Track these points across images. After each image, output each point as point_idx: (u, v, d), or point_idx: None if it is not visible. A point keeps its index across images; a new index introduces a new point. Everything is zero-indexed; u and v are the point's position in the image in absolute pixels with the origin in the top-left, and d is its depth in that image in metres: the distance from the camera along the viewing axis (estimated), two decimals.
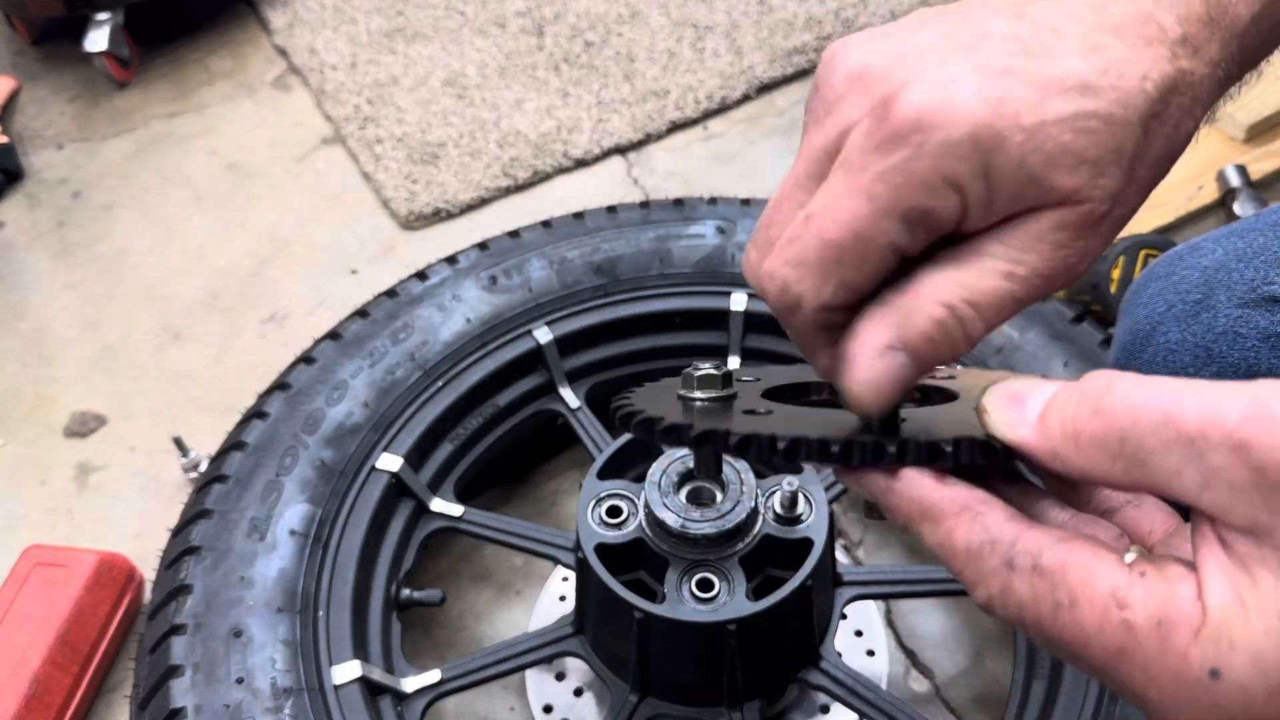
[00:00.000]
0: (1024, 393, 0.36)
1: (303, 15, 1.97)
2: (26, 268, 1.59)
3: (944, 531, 0.35)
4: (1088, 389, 0.34)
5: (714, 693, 0.89)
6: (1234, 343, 0.77)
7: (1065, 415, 0.34)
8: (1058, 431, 0.34)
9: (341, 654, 0.87)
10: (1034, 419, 0.35)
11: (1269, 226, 0.83)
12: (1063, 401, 0.34)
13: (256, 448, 0.98)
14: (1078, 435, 0.33)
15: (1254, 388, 0.30)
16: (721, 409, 0.44)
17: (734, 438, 0.37)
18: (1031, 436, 0.35)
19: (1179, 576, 0.32)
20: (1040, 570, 0.33)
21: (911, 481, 0.36)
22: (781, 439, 0.36)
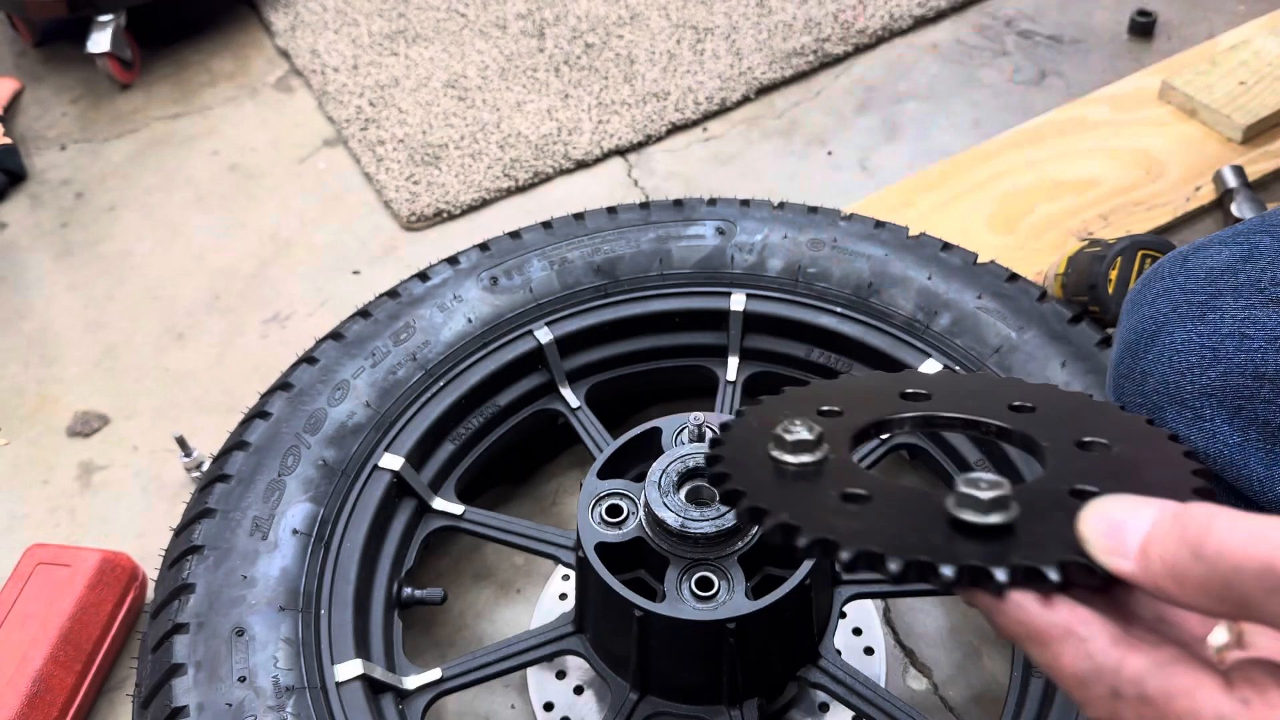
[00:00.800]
0: (1120, 524, 0.36)
1: (305, 17, 1.98)
2: (29, 268, 1.60)
3: (1050, 655, 0.36)
4: (1188, 530, 0.34)
5: (713, 691, 0.89)
6: (1241, 344, 0.78)
7: (1167, 556, 0.34)
8: (1160, 570, 0.34)
9: (343, 652, 0.88)
10: (1135, 552, 0.35)
11: (1274, 228, 0.83)
12: (1162, 537, 0.34)
13: (259, 447, 0.99)
14: (1181, 578, 0.34)
15: None
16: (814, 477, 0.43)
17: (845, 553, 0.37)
18: (1134, 570, 0.35)
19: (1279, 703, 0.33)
20: (1146, 700, 0.34)
21: (1017, 605, 0.36)
22: (893, 560, 0.36)
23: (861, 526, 0.39)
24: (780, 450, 0.44)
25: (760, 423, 0.48)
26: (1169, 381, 0.82)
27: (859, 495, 0.41)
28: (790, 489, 0.42)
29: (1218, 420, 0.79)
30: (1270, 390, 0.76)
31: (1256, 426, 0.78)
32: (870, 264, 1.12)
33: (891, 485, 0.43)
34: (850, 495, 0.41)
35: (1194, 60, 1.61)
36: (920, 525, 0.39)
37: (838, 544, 0.37)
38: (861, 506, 0.41)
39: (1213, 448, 0.80)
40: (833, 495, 0.42)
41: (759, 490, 0.42)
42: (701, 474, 0.88)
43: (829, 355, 1.12)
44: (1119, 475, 0.42)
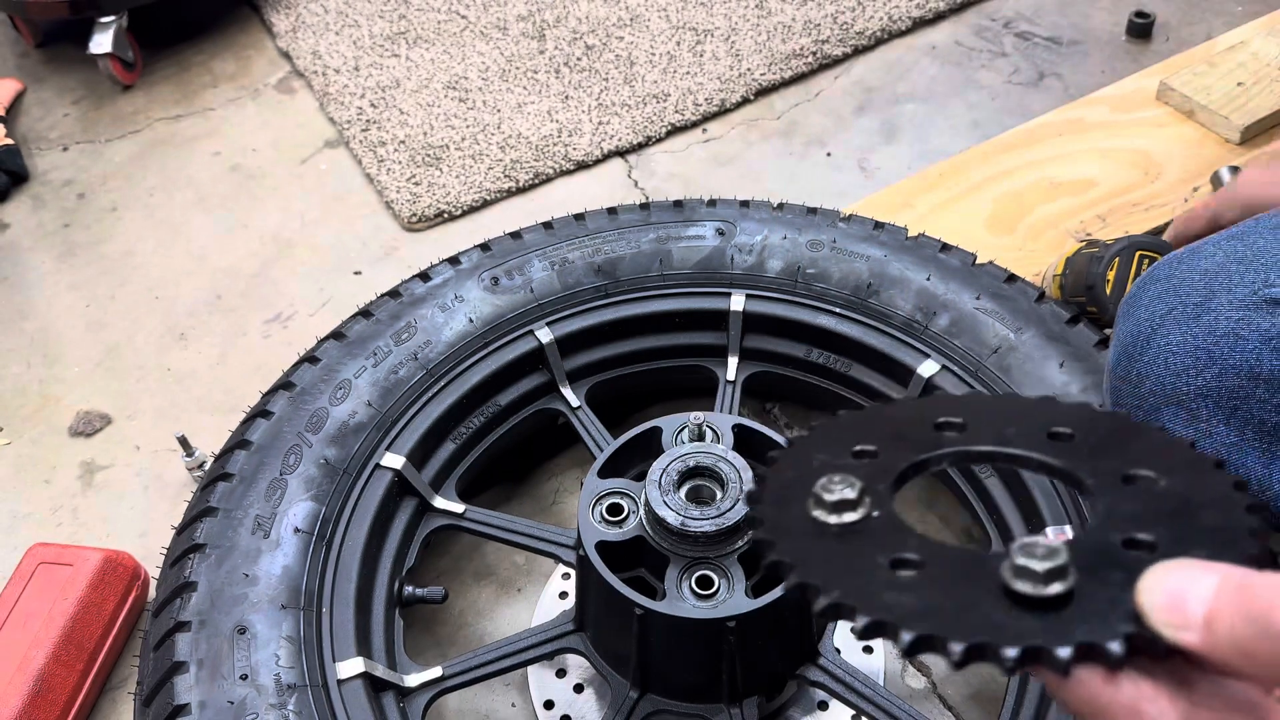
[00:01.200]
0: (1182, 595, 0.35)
1: (306, 19, 1.98)
2: (31, 268, 1.61)
3: None
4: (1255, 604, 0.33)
5: (713, 689, 0.90)
6: (1235, 345, 0.78)
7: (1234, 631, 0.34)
8: (1227, 645, 0.34)
9: (345, 650, 0.88)
10: (1199, 624, 0.34)
11: (1269, 230, 0.83)
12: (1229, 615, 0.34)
13: (261, 446, 0.99)
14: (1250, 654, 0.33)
15: None
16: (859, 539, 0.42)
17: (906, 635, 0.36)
18: (1199, 643, 0.35)
19: None
20: None
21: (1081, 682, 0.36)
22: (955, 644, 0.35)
23: (916, 601, 0.38)
24: (821, 511, 0.43)
25: (797, 471, 0.46)
26: (1165, 383, 0.82)
27: (910, 560, 0.40)
28: (836, 554, 0.41)
29: (1214, 421, 0.80)
30: (1265, 390, 0.77)
31: (1252, 426, 0.78)
32: (869, 265, 1.12)
33: (940, 547, 0.41)
34: (900, 561, 0.40)
35: (1192, 61, 1.62)
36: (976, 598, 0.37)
37: (898, 626, 0.36)
38: (912, 576, 0.39)
39: (1210, 448, 0.81)
40: (882, 563, 0.40)
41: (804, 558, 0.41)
42: (702, 473, 0.89)
43: (828, 355, 1.12)
44: (1172, 517, 0.40)
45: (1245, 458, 0.79)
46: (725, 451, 0.89)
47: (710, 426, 0.95)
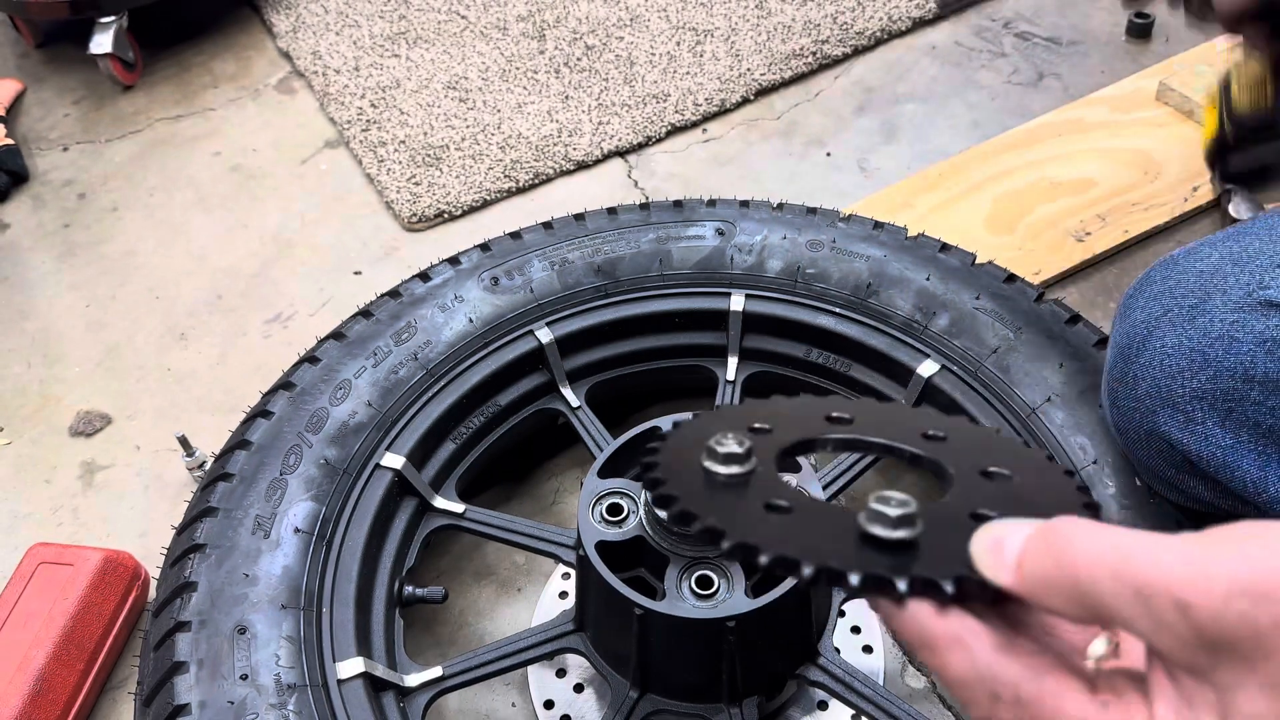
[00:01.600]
0: (1002, 539, 0.40)
1: (306, 19, 1.98)
2: (32, 268, 1.61)
3: (939, 660, 0.40)
4: (1053, 540, 0.38)
5: (713, 689, 0.90)
6: (1230, 347, 0.78)
7: (1035, 564, 0.38)
8: (1030, 579, 0.38)
9: (345, 650, 0.88)
10: (1012, 565, 0.39)
11: (1264, 231, 0.83)
12: (1033, 551, 0.39)
13: (261, 446, 0.99)
14: (1046, 583, 0.38)
15: (1190, 547, 0.35)
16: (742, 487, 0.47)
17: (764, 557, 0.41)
18: (1011, 582, 0.39)
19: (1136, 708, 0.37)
20: (1020, 702, 0.38)
21: (913, 612, 0.40)
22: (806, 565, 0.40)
23: (781, 534, 0.43)
24: (712, 461, 0.48)
25: (695, 436, 0.52)
26: (1160, 385, 0.82)
27: (781, 506, 0.45)
28: (719, 496, 0.46)
29: (1209, 423, 0.80)
30: (1260, 392, 0.77)
31: (1248, 428, 0.78)
32: (869, 265, 1.12)
33: (812, 500, 0.47)
34: (773, 505, 0.45)
35: (1192, 61, 1.62)
36: (834, 536, 0.43)
37: (758, 548, 0.41)
38: (782, 516, 0.45)
39: (1205, 450, 0.81)
40: (757, 505, 0.45)
41: (691, 496, 0.46)
42: None
43: (827, 355, 1.12)
44: (1015, 501, 0.46)
45: (1240, 460, 0.79)
46: None
47: None
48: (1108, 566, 0.36)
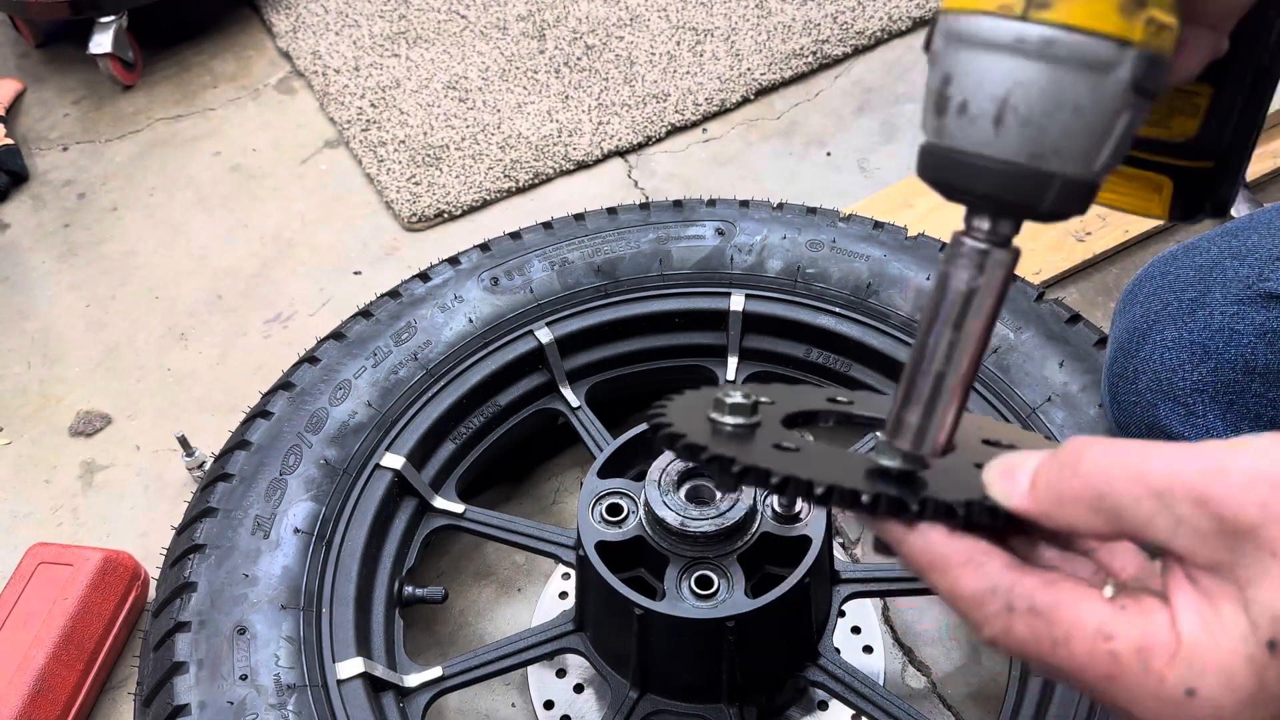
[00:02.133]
0: (1015, 465, 0.40)
1: (306, 19, 1.98)
2: (32, 268, 1.61)
3: (951, 579, 0.40)
4: (1066, 456, 0.38)
5: (713, 689, 0.90)
6: (1230, 339, 0.78)
7: (1050, 480, 0.38)
8: (1045, 496, 0.38)
9: (345, 650, 0.88)
10: (1026, 488, 0.39)
11: (1263, 225, 0.83)
12: (1047, 469, 0.39)
13: (261, 446, 0.99)
14: (1062, 497, 0.38)
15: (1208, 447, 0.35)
16: (748, 436, 0.47)
17: (775, 478, 0.41)
18: (1026, 503, 0.39)
19: (1154, 608, 0.36)
20: (1036, 611, 0.38)
21: (924, 534, 0.40)
22: (818, 485, 0.40)
23: (791, 462, 0.43)
24: (718, 412, 0.48)
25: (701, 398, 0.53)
26: (1161, 379, 0.82)
27: (789, 447, 0.45)
28: (726, 440, 0.46)
29: (1210, 415, 0.80)
30: (1261, 384, 0.77)
31: (1249, 420, 0.78)
32: (869, 264, 1.12)
33: (819, 444, 0.47)
34: (781, 446, 0.46)
35: None
36: (845, 469, 0.43)
37: (769, 471, 0.41)
38: (792, 454, 0.45)
39: None
40: (766, 445, 0.46)
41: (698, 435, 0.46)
42: (702, 474, 0.89)
43: (827, 355, 1.12)
44: None
45: None
46: None
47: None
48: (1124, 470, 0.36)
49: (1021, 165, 0.38)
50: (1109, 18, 0.36)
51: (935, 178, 0.40)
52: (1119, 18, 0.36)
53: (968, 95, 0.38)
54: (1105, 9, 0.36)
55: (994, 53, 0.37)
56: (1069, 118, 0.37)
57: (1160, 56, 0.37)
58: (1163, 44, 0.37)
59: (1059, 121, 0.37)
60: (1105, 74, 0.36)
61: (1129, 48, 0.36)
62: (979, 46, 0.38)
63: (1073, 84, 0.37)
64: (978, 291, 0.41)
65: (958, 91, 0.39)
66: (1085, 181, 0.39)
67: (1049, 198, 0.38)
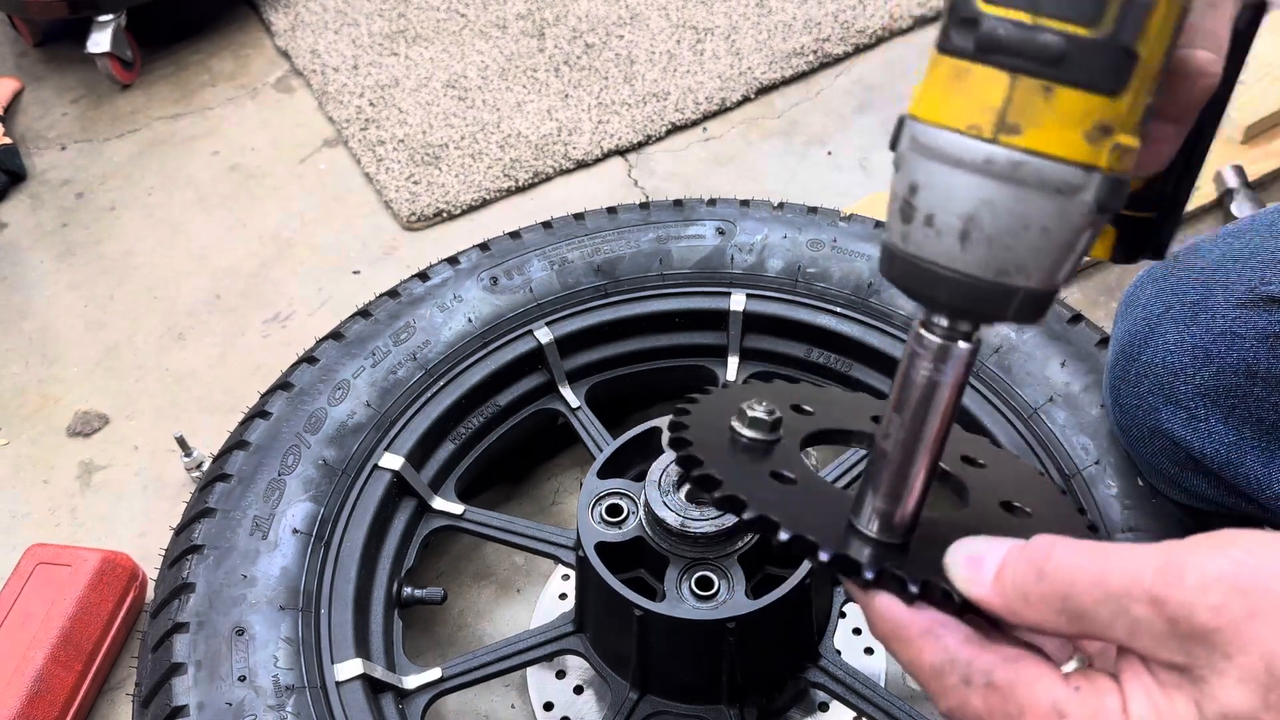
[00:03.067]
0: (982, 554, 0.40)
1: (305, 17, 1.98)
2: (30, 268, 1.60)
3: (913, 651, 0.41)
4: (1033, 554, 0.39)
5: (713, 690, 0.89)
6: (1232, 343, 0.78)
7: (1016, 578, 0.39)
8: (1011, 591, 0.39)
9: (343, 652, 0.88)
10: (990, 579, 0.40)
11: (1265, 228, 0.83)
12: (1013, 564, 0.39)
13: (259, 447, 0.99)
14: (1027, 596, 0.38)
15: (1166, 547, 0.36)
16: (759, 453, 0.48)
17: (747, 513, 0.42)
18: (989, 594, 0.40)
19: (1108, 690, 0.37)
20: (993, 686, 0.39)
21: (886, 604, 0.41)
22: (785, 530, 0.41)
23: (774, 499, 0.44)
24: (739, 423, 0.50)
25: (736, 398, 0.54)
26: (1163, 382, 0.82)
27: (786, 477, 0.46)
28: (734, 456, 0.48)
29: (1212, 420, 0.79)
30: (1263, 388, 0.77)
31: (1251, 424, 0.78)
32: (870, 264, 1.12)
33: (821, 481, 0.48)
34: (779, 475, 0.46)
35: None
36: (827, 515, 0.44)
37: (745, 503, 0.42)
38: (785, 486, 0.46)
39: (1209, 447, 0.80)
40: (765, 470, 0.47)
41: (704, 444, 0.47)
42: None
43: (829, 355, 1.12)
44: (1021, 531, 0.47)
45: (1244, 456, 0.79)
46: None
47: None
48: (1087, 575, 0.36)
49: (986, 281, 0.38)
50: (1077, 146, 0.36)
51: (900, 282, 0.41)
52: (1086, 145, 0.36)
53: (934, 209, 0.39)
54: (1073, 137, 0.36)
55: (962, 170, 0.37)
56: (1035, 237, 0.38)
57: (1123, 178, 0.38)
58: (1126, 166, 0.37)
59: (1025, 241, 0.38)
60: (1071, 197, 0.37)
61: (1095, 172, 0.37)
62: (947, 162, 0.38)
63: (1039, 206, 0.37)
64: (939, 385, 0.41)
65: (924, 203, 0.39)
66: (1047, 292, 0.40)
67: (1011, 309, 0.39)
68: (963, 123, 0.37)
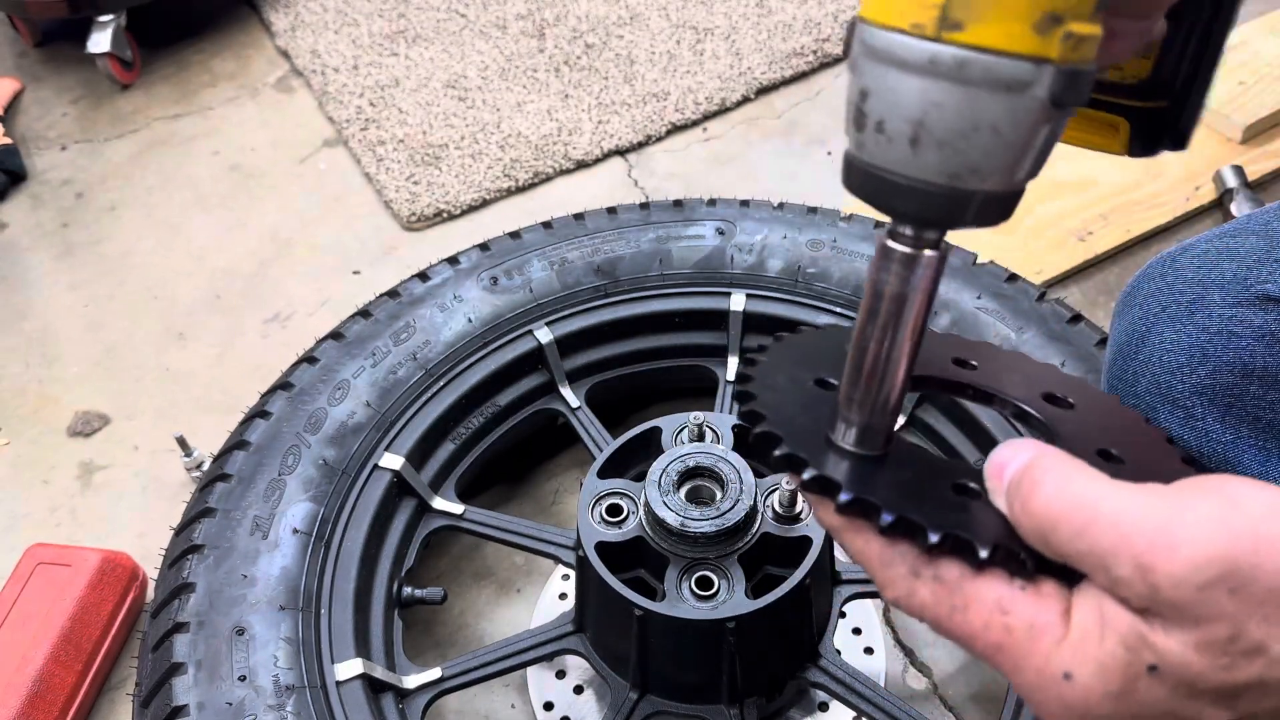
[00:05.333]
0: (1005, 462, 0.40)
1: (305, 18, 1.98)
2: (30, 268, 1.60)
3: (861, 540, 0.41)
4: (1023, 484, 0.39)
5: (713, 690, 0.89)
6: (1229, 342, 0.78)
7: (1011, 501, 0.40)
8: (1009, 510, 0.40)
9: (344, 651, 0.88)
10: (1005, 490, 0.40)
11: (1261, 227, 0.83)
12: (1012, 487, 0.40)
13: (259, 447, 0.99)
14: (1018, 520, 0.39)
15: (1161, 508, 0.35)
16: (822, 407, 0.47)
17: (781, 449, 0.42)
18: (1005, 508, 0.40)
19: (1052, 595, 0.38)
20: (939, 578, 0.39)
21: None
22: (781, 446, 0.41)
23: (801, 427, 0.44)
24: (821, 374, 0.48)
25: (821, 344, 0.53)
26: (1160, 382, 0.82)
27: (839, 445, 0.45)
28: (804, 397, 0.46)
29: (1209, 419, 0.80)
30: (1260, 387, 0.77)
31: (1247, 423, 0.78)
32: None
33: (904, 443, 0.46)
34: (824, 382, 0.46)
35: None
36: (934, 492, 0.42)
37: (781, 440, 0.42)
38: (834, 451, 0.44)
39: (1206, 446, 0.80)
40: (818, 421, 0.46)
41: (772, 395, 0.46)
42: (701, 474, 0.89)
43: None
44: None
45: (1241, 455, 0.79)
46: (725, 452, 0.89)
47: (710, 427, 0.95)
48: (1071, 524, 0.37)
49: (940, 185, 0.37)
50: (1024, 38, 0.35)
51: (858, 191, 0.40)
52: (1034, 37, 0.35)
53: (884, 115, 0.37)
54: (1020, 29, 0.34)
55: (907, 72, 0.36)
56: (986, 138, 0.36)
57: (1080, 70, 0.36)
58: (1083, 55, 0.36)
59: (976, 143, 0.36)
60: (1022, 93, 0.35)
61: (1047, 65, 0.35)
62: (893, 64, 0.36)
63: (989, 105, 0.36)
64: (908, 294, 0.40)
65: (874, 109, 0.38)
66: (1007, 193, 0.38)
67: (969, 214, 0.38)
68: (906, 21, 0.36)
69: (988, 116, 0.36)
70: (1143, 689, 0.36)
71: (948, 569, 0.39)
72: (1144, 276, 0.90)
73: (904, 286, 0.40)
